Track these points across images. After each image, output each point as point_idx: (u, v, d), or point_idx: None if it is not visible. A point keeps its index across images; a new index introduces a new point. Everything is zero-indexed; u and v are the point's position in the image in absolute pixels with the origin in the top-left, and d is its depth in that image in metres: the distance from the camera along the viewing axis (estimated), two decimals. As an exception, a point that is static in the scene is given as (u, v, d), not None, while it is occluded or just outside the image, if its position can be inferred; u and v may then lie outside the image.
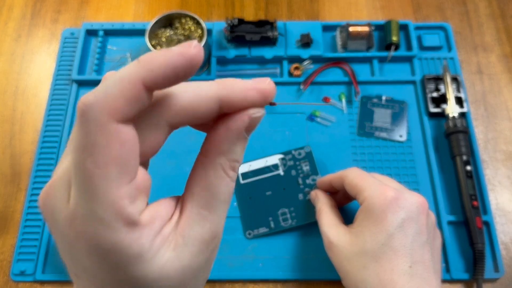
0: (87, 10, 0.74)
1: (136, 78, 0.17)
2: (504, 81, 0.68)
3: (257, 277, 0.55)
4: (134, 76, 0.17)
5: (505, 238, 0.58)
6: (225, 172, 0.21)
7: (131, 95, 0.17)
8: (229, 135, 0.21)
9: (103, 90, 0.17)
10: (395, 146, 0.62)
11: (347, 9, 0.74)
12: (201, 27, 0.65)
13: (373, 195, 0.39)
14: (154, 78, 0.17)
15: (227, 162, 0.21)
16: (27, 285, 0.55)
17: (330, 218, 0.44)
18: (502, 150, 0.63)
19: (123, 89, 0.17)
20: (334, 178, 0.48)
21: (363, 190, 0.40)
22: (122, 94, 0.17)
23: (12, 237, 0.58)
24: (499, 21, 0.73)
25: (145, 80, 0.17)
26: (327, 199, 0.48)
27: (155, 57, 0.17)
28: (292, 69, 0.66)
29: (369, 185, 0.40)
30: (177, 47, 0.18)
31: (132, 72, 0.17)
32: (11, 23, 0.73)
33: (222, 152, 0.21)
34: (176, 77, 0.18)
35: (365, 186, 0.41)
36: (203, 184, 0.20)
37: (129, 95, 0.17)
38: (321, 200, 0.48)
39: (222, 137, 0.21)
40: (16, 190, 0.61)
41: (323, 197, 0.48)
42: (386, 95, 0.65)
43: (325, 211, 0.45)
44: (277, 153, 0.61)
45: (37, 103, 0.67)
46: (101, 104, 0.16)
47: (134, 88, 0.17)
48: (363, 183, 0.41)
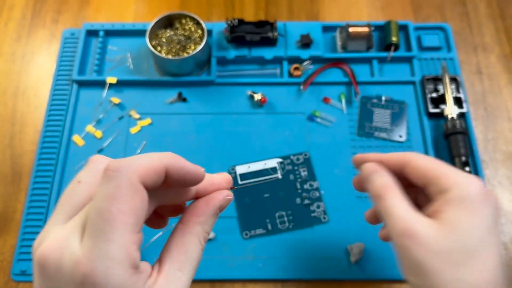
0: (87, 10, 0.74)
1: (163, 162, 0.23)
2: (504, 81, 0.68)
3: (257, 277, 0.55)
4: (162, 160, 0.23)
5: (504, 238, 0.58)
6: (199, 240, 0.25)
7: (156, 170, 0.23)
8: (208, 209, 0.26)
9: (137, 158, 0.22)
10: (395, 146, 0.62)
11: (347, 10, 0.74)
12: (201, 28, 0.66)
13: (464, 183, 0.32)
14: (174, 169, 0.24)
15: (202, 232, 0.25)
16: (28, 285, 0.55)
17: (404, 200, 0.33)
18: (502, 151, 0.63)
19: (152, 163, 0.23)
20: (390, 159, 0.37)
21: (446, 177, 0.33)
22: (151, 166, 0.22)
23: (13, 237, 0.58)
24: (498, 22, 0.73)
25: (167, 166, 0.23)
26: (392, 176, 0.36)
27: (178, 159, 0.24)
28: (292, 69, 0.67)
29: (452, 171, 0.33)
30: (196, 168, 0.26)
31: (162, 156, 0.24)
32: (11, 23, 0.73)
33: (199, 223, 0.25)
34: (184, 182, 0.25)
35: (447, 172, 0.33)
36: (180, 249, 0.24)
37: (155, 169, 0.23)
38: (385, 176, 0.35)
39: (202, 210, 0.26)
40: (16, 190, 0.61)
41: (387, 173, 0.36)
42: (385, 96, 0.65)
43: (396, 190, 0.34)
44: (277, 153, 0.62)
45: (38, 104, 0.67)
46: (135, 167, 0.22)
47: (160, 166, 0.23)
48: (442, 169, 0.33)
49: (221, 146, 0.62)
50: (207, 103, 0.65)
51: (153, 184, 0.23)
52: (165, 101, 0.65)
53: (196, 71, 0.67)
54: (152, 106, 0.65)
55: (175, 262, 0.24)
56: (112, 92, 0.66)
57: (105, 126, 0.64)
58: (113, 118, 0.64)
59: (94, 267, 0.20)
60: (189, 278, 0.24)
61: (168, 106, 0.65)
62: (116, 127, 0.64)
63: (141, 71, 0.68)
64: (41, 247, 0.22)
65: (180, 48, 0.65)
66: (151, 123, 0.64)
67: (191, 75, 0.66)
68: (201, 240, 0.25)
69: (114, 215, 0.21)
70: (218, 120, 0.64)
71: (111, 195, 0.21)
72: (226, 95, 0.66)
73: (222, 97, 0.65)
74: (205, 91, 0.66)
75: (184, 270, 0.24)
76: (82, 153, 0.62)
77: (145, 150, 0.62)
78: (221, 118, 0.64)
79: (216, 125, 0.64)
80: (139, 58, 0.69)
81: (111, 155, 0.61)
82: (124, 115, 0.64)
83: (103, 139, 0.63)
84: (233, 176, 0.60)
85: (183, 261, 0.24)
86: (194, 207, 0.26)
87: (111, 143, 0.62)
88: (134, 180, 0.21)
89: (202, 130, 0.63)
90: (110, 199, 0.21)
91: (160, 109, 0.65)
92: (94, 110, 0.65)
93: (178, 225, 0.26)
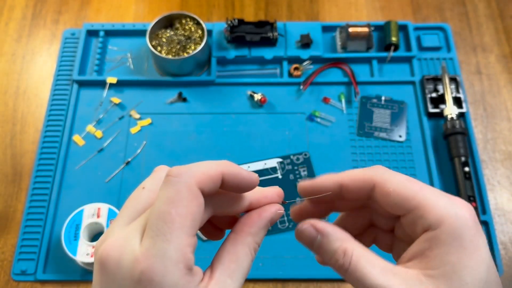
0: (87, 10, 0.74)
1: (219, 169, 0.24)
2: (503, 81, 0.68)
3: (257, 277, 0.55)
4: (219, 167, 0.24)
5: (504, 238, 0.58)
6: (249, 250, 0.26)
7: (213, 177, 0.24)
8: (260, 221, 0.27)
9: (196, 165, 0.24)
10: (395, 146, 0.62)
11: (347, 10, 0.74)
12: (201, 28, 0.66)
13: (453, 214, 0.25)
14: (229, 176, 0.25)
15: (253, 243, 0.26)
16: (28, 284, 0.55)
17: (376, 262, 0.25)
18: (501, 150, 0.63)
19: (210, 170, 0.24)
20: (353, 181, 0.28)
21: (431, 207, 0.25)
22: (209, 173, 0.24)
23: (13, 236, 0.58)
24: (498, 22, 0.73)
25: (224, 173, 0.24)
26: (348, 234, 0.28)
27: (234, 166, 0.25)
28: (292, 69, 0.67)
29: (436, 197, 0.26)
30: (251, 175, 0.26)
31: (219, 163, 0.25)
32: (12, 23, 0.73)
33: (251, 233, 0.26)
34: (239, 188, 0.26)
35: (431, 199, 0.25)
36: (231, 257, 0.25)
37: (212, 176, 0.24)
38: (338, 240, 0.27)
39: (254, 221, 0.27)
40: (17, 190, 0.61)
41: (342, 232, 0.27)
42: (385, 96, 0.66)
43: (359, 254, 0.26)
44: (277, 153, 0.62)
45: (38, 103, 0.67)
46: (194, 173, 0.23)
47: (216, 173, 0.24)
48: (424, 195, 0.26)
49: (221, 146, 0.62)
50: (207, 103, 0.65)
51: (210, 189, 0.24)
52: (165, 101, 0.65)
53: (196, 71, 0.67)
54: (152, 106, 0.65)
55: (226, 269, 0.24)
56: (112, 92, 0.66)
57: (105, 126, 0.64)
58: (113, 118, 0.64)
59: (151, 264, 0.21)
60: (238, 286, 0.25)
61: (168, 106, 0.65)
62: (117, 127, 0.64)
63: (141, 71, 0.68)
64: (103, 245, 0.23)
65: (180, 48, 0.65)
66: (151, 123, 0.64)
67: (191, 75, 0.66)
68: (251, 250, 0.26)
69: (173, 217, 0.22)
70: (218, 120, 0.64)
71: (171, 198, 0.22)
72: (226, 95, 0.66)
73: (222, 97, 0.66)
74: (205, 91, 0.66)
75: (234, 278, 0.24)
76: (82, 153, 0.62)
77: (145, 150, 0.62)
78: (221, 118, 0.64)
79: (216, 125, 0.64)
80: (139, 58, 0.69)
81: (112, 155, 0.62)
82: (124, 115, 0.64)
83: (104, 139, 0.63)
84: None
85: (233, 269, 0.25)
86: (246, 218, 0.27)
87: (112, 143, 0.63)
88: (192, 186, 0.23)
89: (202, 130, 0.64)
90: (170, 202, 0.22)
91: (160, 109, 0.65)
92: (94, 110, 0.65)
93: (230, 235, 0.26)
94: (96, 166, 0.61)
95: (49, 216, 0.58)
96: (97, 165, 0.61)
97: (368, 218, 0.30)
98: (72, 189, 0.60)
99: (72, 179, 0.60)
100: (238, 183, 0.25)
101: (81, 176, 0.61)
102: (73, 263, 0.55)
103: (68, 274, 0.55)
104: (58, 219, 0.58)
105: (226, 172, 0.25)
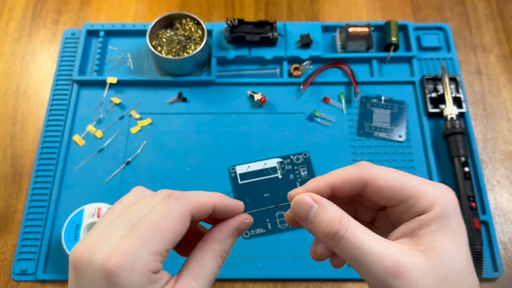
0: (87, 10, 0.74)
1: (212, 201, 0.28)
2: (503, 81, 0.68)
3: (257, 276, 0.55)
4: (212, 199, 0.28)
5: (504, 238, 0.58)
6: (216, 256, 0.28)
7: (206, 207, 0.28)
8: (225, 229, 0.29)
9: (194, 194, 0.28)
10: (395, 146, 0.62)
11: (347, 10, 0.74)
12: (201, 28, 0.66)
13: (442, 199, 0.27)
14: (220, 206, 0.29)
15: (219, 249, 0.28)
16: (28, 284, 0.56)
17: (368, 232, 0.27)
18: (501, 150, 0.63)
19: (204, 200, 0.28)
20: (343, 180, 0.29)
21: (421, 194, 0.27)
22: (203, 204, 0.27)
23: (13, 236, 0.58)
24: (498, 22, 0.73)
25: (216, 204, 0.28)
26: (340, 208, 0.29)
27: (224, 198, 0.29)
28: (292, 69, 0.67)
29: (423, 185, 0.28)
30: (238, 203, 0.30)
31: (211, 196, 0.28)
32: (12, 23, 0.73)
33: (216, 240, 0.29)
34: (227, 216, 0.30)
35: (420, 188, 0.28)
36: (197, 262, 0.27)
37: (206, 206, 0.28)
38: (330, 206, 0.28)
39: (220, 229, 0.29)
40: (17, 190, 0.61)
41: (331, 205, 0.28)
42: (385, 96, 0.66)
43: (355, 224, 0.27)
44: (277, 153, 0.62)
45: (38, 103, 0.67)
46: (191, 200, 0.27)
47: (209, 204, 0.28)
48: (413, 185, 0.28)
49: (221, 146, 0.62)
50: (207, 103, 0.65)
51: (200, 217, 0.28)
52: (165, 101, 0.66)
53: (196, 71, 0.67)
54: (152, 106, 0.65)
55: (191, 273, 0.27)
56: (112, 92, 0.66)
57: (105, 126, 0.64)
58: (113, 118, 0.64)
59: (122, 261, 0.23)
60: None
61: (168, 106, 0.65)
62: (117, 127, 0.64)
63: (141, 71, 0.68)
64: (76, 248, 0.25)
65: (180, 48, 0.65)
66: (151, 123, 0.64)
67: (191, 75, 0.66)
68: (217, 256, 0.28)
69: (161, 228, 0.25)
70: (218, 120, 0.64)
71: (166, 213, 0.25)
72: (226, 95, 0.66)
73: (222, 97, 0.66)
74: (205, 91, 0.66)
75: (199, 281, 0.26)
76: (82, 152, 0.62)
77: (145, 150, 0.62)
78: (221, 118, 0.64)
79: (216, 125, 0.64)
80: (139, 58, 0.69)
81: (112, 155, 0.62)
82: (124, 115, 0.65)
83: (104, 139, 0.63)
84: (233, 176, 0.60)
85: (198, 273, 0.27)
86: (214, 227, 0.30)
87: (112, 143, 0.63)
88: (187, 210, 0.26)
89: (202, 130, 0.64)
90: (163, 215, 0.25)
91: (160, 109, 0.65)
92: (94, 110, 0.65)
93: (199, 243, 0.29)
94: (96, 166, 0.61)
95: (49, 216, 0.58)
96: (97, 165, 0.61)
97: (353, 213, 0.32)
98: (72, 189, 0.60)
99: (72, 179, 0.60)
100: (226, 212, 0.29)
101: (81, 176, 0.61)
102: (73, 263, 0.55)
103: (68, 274, 0.55)
104: (58, 219, 0.58)
105: (217, 203, 0.28)
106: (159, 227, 0.25)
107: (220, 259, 0.28)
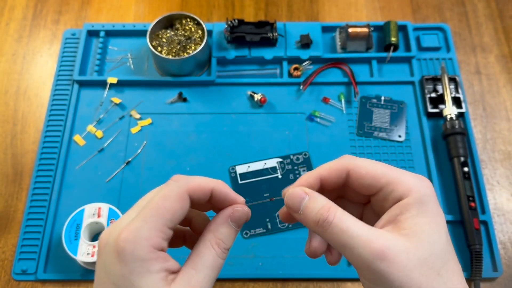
0: (88, 11, 0.75)
1: (210, 184, 0.31)
2: (502, 81, 0.68)
3: (257, 276, 0.55)
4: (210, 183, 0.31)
5: (503, 237, 0.58)
6: (211, 245, 0.30)
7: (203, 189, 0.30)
8: (217, 218, 0.31)
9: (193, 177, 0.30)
10: (394, 146, 0.63)
11: (347, 10, 0.75)
12: (202, 28, 0.66)
13: (418, 185, 0.30)
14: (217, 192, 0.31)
15: (214, 238, 0.30)
16: (29, 284, 0.56)
17: (355, 219, 0.29)
18: (501, 150, 0.64)
19: (202, 183, 0.30)
20: (329, 171, 0.32)
21: (399, 182, 0.30)
22: (200, 185, 0.30)
23: (14, 236, 0.58)
24: (497, 22, 0.73)
25: (213, 189, 0.31)
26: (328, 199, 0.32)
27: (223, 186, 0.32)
28: (292, 69, 0.67)
29: (402, 174, 0.30)
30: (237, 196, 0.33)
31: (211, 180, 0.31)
32: (12, 23, 0.73)
33: (210, 230, 0.30)
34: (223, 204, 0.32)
35: (399, 176, 0.30)
36: (195, 251, 0.29)
37: (202, 188, 0.30)
38: (318, 197, 0.31)
39: (214, 219, 0.31)
40: (17, 189, 0.61)
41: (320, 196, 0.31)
42: (385, 96, 0.66)
43: (343, 212, 0.30)
44: (277, 153, 0.62)
45: (39, 103, 0.67)
46: (189, 182, 0.30)
47: (207, 187, 0.30)
48: (392, 173, 0.30)
49: (221, 146, 0.63)
50: (207, 103, 0.65)
51: (199, 198, 0.30)
52: (165, 101, 0.66)
53: (196, 71, 0.67)
54: (152, 106, 0.65)
55: (190, 262, 0.29)
56: (112, 92, 0.66)
57: (106, 126, 0.64)
58: (114, 118, 0.64)
59: (127, 236, 0.26)
60: (203, 277, 0.28)
61: (168, 106, 0.65)
62: (117, 127, 0.64)
63: (141, 71, 0.68)
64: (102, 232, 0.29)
65: (181, 49, 0.65)
66: (151, 123, 0.64)
67: (191, 75, 0.67)
68: (213, 245, 0.30)
69: (159, 207, 0.27)
70: (218, 120, 0.64)
71: (165, 194, 0.28)
72: (226, 95, 0.66)
73: (222, 97, 0.66)
74: (205, 91, 0.66)
75: (197, 269, 0.28)
76: (83, 152, 0.62)
77: (145, 150, 0.62)
78: (221, 118, 0.64)
79: (216, 125, 0.64)
80: (139, 58, 0.69)
81: (112, 155, 0.62)
82: (124, 115, 0.65)
83: (104, 139, 0.63)
84: (233, 176, 0.61)
85: (196, 261, 0.29)
86: (211, 220, 0.32)
87: (112, 143, 0.63)
88: (184, 190, 0.29)
89: (202, 130, 0.64)
90: (162, 197, 0.28)
91: (160, 109, 0.65)
92: (95, 110, 0.65)
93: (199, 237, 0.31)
94: (97, 166, 0.61)
95: (49, 216, 0.58)
96: (97, 165, 0.61)
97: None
98: (73, 189, 0.60)
99: (73, 179, 0.61)
100: (223, 199, 0.31)
101: (82, 176, 0.61)
102: (74, 263, 0.55)
103: (68, 274, 0.55)
104: (58, 218, 0.58)
105: (216, 188, 0.31)
106: (158, 207, 0.28)
107: (216, 247, 0.30)
